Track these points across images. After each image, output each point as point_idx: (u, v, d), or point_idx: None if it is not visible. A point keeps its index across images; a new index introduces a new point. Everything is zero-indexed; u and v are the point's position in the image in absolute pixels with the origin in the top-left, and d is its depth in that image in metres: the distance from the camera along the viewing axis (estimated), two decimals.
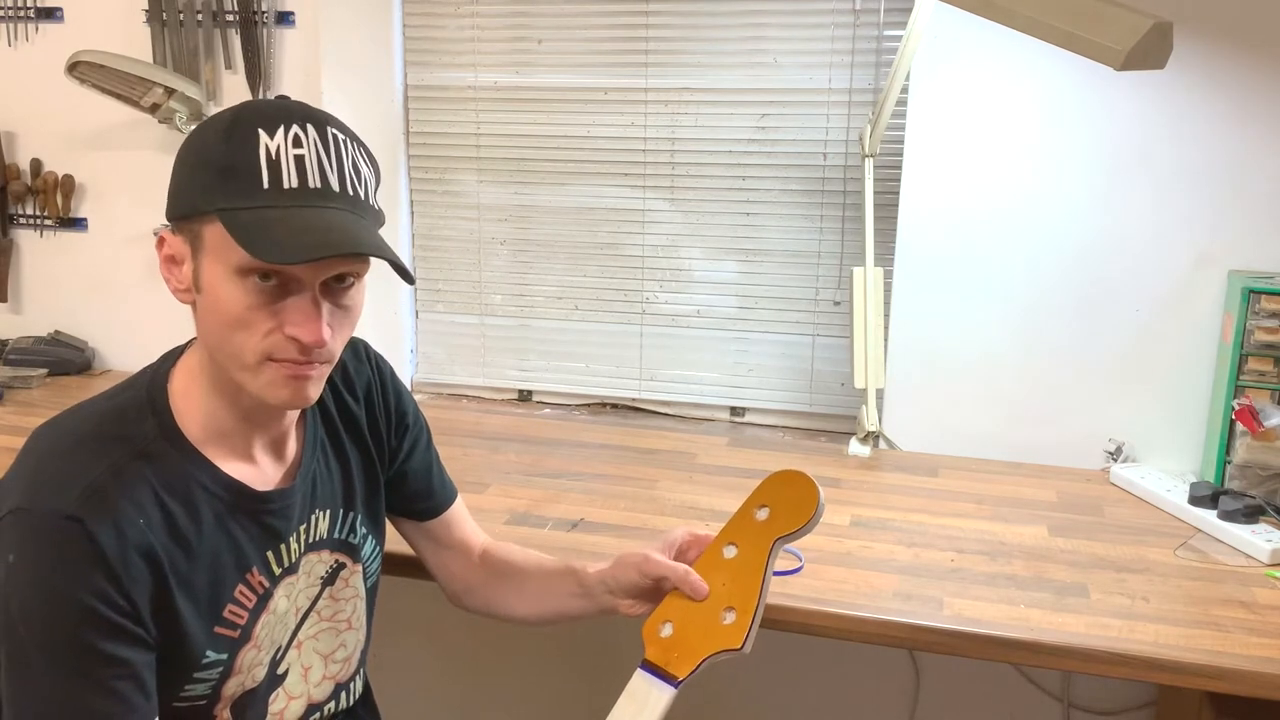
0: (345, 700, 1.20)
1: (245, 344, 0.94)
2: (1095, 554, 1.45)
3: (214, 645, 1.01)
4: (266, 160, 0.92)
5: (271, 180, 0.92)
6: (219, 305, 0.94)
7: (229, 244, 0.91)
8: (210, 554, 1.00)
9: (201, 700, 1.03)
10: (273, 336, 0.94)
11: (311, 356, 0.96)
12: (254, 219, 0.91)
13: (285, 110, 0.95)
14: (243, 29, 2.04)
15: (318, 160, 0.94)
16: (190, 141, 0.97)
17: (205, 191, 0.93)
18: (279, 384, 0.96)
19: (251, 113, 0.95)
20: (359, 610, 1.19)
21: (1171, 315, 1.74)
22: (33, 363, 2.17)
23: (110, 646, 0.91)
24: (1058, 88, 1.72)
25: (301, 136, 0.93)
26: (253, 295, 0.93)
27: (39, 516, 0.91)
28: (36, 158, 2.22)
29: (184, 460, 0.99)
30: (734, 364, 2.06)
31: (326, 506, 1.13)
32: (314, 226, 0.92)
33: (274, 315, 0.94)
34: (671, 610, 1.04)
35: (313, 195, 0.93)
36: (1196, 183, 1.69)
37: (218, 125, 0.95)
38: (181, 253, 0.97)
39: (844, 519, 1.56)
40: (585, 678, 2.08)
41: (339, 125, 0.97)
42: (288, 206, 0.92)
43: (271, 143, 0.92)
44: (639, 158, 2.02)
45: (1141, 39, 1.19)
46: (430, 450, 1.27)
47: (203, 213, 0.93)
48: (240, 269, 0.92)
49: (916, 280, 1.84)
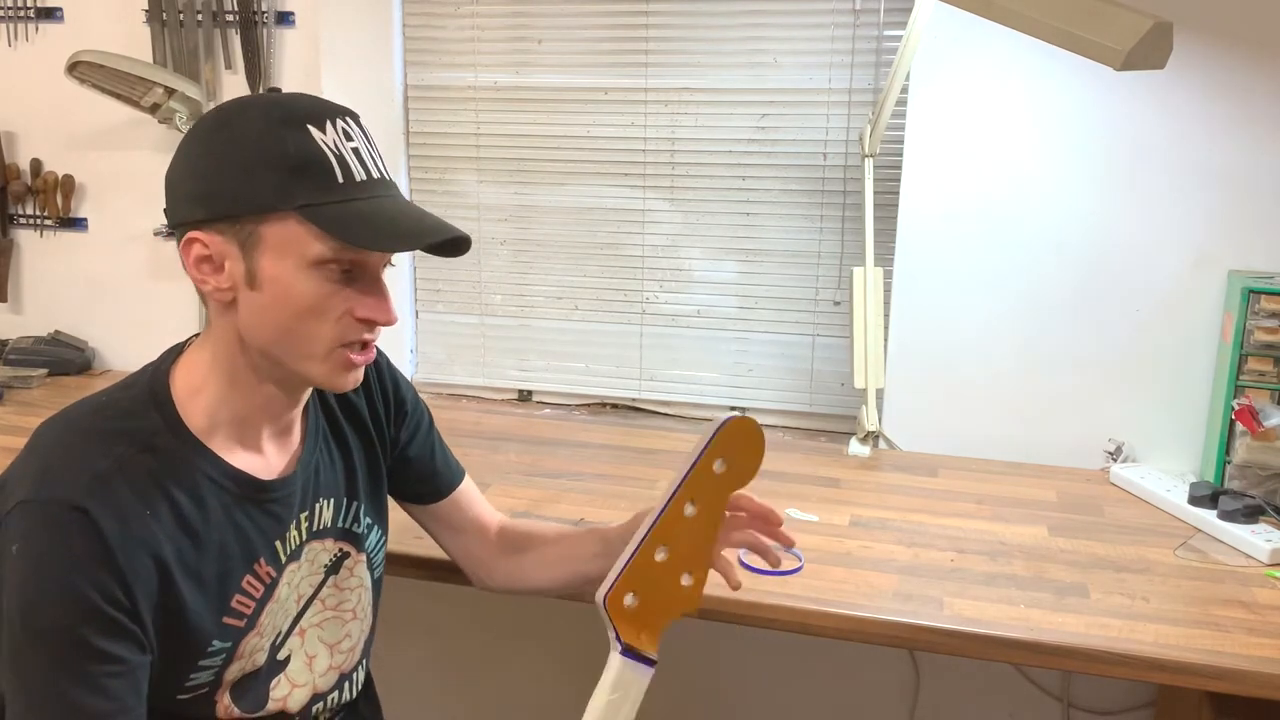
0: (349, 691, 1.20)
1: (318, 332, 0.98)
2: (1095, 554, 1.46)
3: (221, 635, 1.02)
4: (333, 155, 0.95)
5: (344, 174, 0.96)
6: (290, 298, 0.96)
7: (305, 237, 0.94)
8: (218, 544, 1.01)
9: (204, 688, 1.03)
10: (344, 321, 0.99)
11: (376, 333, 1.02)
12: (338, 212, 0.94)
13: (323, 105, 0.98)
14: (243, 29, 2.04)
15: (369, 152, 0.99)
16: (216, 141, 0.96)
17: (272, 187, 0.93)
18: (344, 369, 1.01)
19: (293, 107, 0.96)
20: (364, 601, 1.20)
21: (1171, 315, 1.74)
22: (33, 363, 2.18)
23: (105, 643, 0.92)
24: (1057, 88, 1.72)
25: (350, 130, 0.98)
26: (326, 285, 0.96)
27: (44, 506, 0.92)
28: (36, 158, 2.22)
29: (189, 452, 1.00)
30: (734, 364, 2.06)
31: (330, 495, 1.14)
32: (399, 214, 0.98)
33: (346, 301, 0.98)
34: (634, 578, 0.99)
35: (378, 185, 0.98)
36: (1196, 183, 1.70)
37: (258, 124, 0.95)
38: (224, 252, 0.96)
39: (844, 519, 1.56)
40: (584, 676, 2.08)
41: (357, 115, 1.01)
42: (368, 198, 0.97)
43: (326, 137, 0.95)
44: (639, 158, 2.02)
45: (1141, 39, 1.19)
46: (432, 434, 1.28)
47: (274, 209, 0.94)
48: (318, 260, 0.95)
49: (916, 280, 1.84)
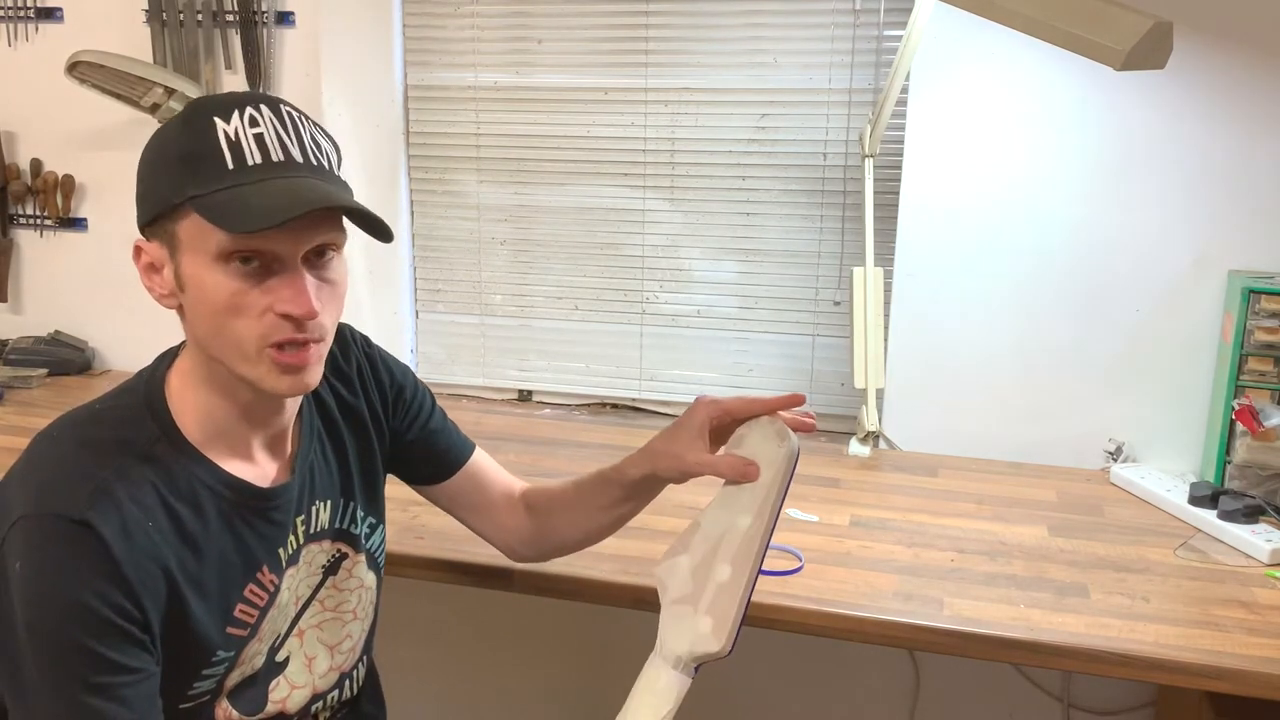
0: (349, 689, 1.20)
1: (241, 332, 0.94)
2: (1095, 554, 1.46)
3: (226, 644, 1.02)
4: (227, 143, 0.93)
5: (235, 160, 0.92)
6: (206, 297, 0.93)
7: (204, 231, 0.92)
8: (218, 554, 1.00)
9: (206, 696, 1.03)
10: (266, 318, 0.94)
11: (306, 332, 0.95)
12: (225, 198, 0.91)
13: (237, 96, 0.97)
14: (243, 29, 2.04)
15: (277, 136, 0.95)
16: (148, 146, 0.98)
17: (171, 184, 0.93)
18: (279, 373, 0.96)
19: (204, 103, 0.96)
20: (364, 600, 1.19)
21: (1171, 315, 1.74)
22: (33, 363, 2.18)
23: (116, 654, 0.91)
24: (1057, 88, 1.72)
25: (257, 116, 0.94)
26: (237, 279, 0.93)
27: (46, 522, 0.90)
28: (36, 158, 2.22)
29: (187, 461, 0.99)
30: (734, 364, 2.06)
31: (327, 497, 1.13)
32: (285, 192, 0.92)
33: (263, 295, 0.93)
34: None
35: (278, 168, 0.93)
36: (1196, 183, 1.69)
37: (173, 122, 0.97)
38: (159, 257, 0.97)
39: (844, 519, 1.56)
40: (584, 676, 2.08)
41: (292, 105, 0.98)
42: (256, 181, 0.92)
43: (229, 126, 0.93)
44: (639, 158, 2.02)
45: (1141, 39, 1.19)
46: (434, 414, 1.26)
47: (173, 206, 0.93)
48: (220, 254, 0.92)
49: (916, 280, 1.84)
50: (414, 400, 1.24)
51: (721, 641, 0.99)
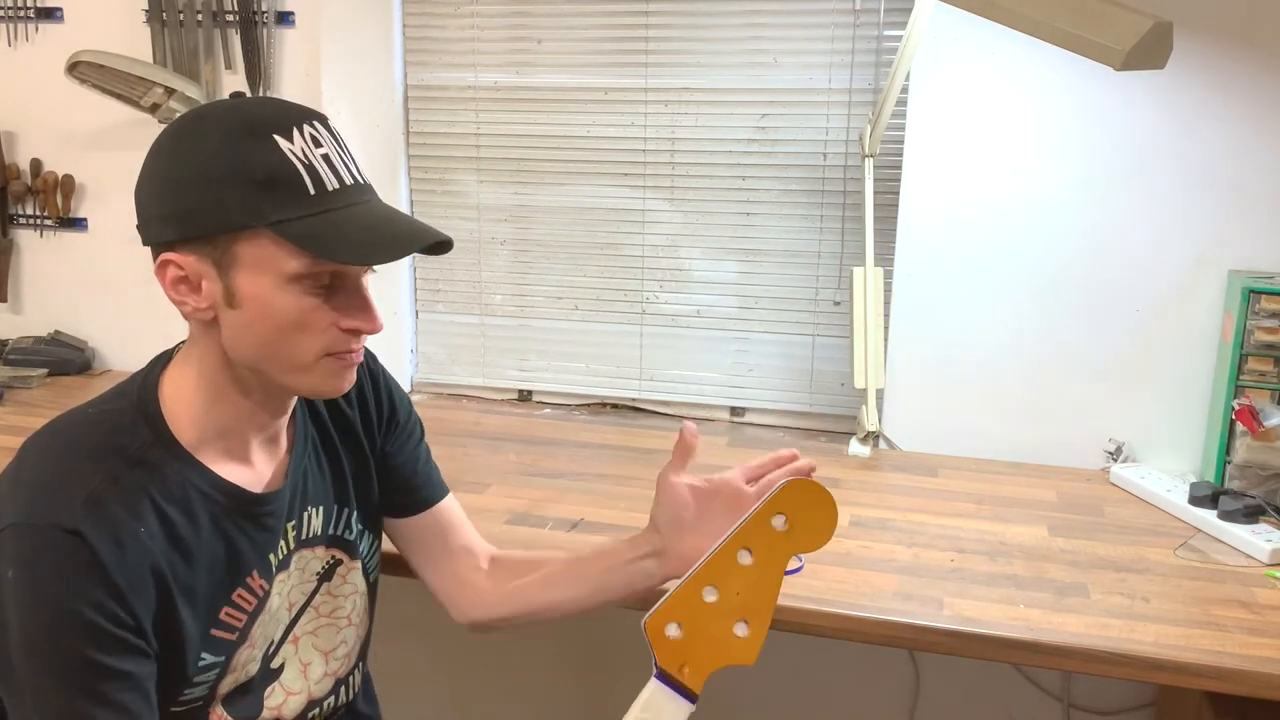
0: (345, 695, 1.20)
1: (303, 345, 0.96)
2: (1095, 554, 1.45)
3: (210, 648, 1.01)
4: (302, 165, 0.93)
5: (315, 186, 0.93)
6: (271, 315, 0.94)
7: (280, 253, 0.92)
8: (208, 558, 1.00)
9: (198, 701, 1.03)
10: (330, 332, 0.97)
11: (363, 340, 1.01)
12: (313, 225, 0.92)
13: (285, 110, 0.96)
14: (243, 29, 2.04)
15: (339, 157, 0.96)
16: (179, 159, 0.93)
17: (245, 207, 0.91)
18: (335, 374, 1.00)
19: (250, 119, 0.93)
20: (359, 607, 1.19)
21: (1171, 315, 1.74)
22: (33, 363, 2.17)
23: (114, 660, 0.91)
24: (1057, 88, 1.72)
25: (318, 136, 0.95)
26: (306, 299, 0.95)
27: (38, 531, 0.90)
28: (36, 158, 2.22)
29: (179, 465, 0.98)
30: (734, 364, 2.06)
31: (319, 503, 1.13)
32: (373, 223, 0.95)
33: (330, 314, 0.96)
34: (679, 609, 0.96)
35: (352, 192, 0.96)
36: (1196, 183, 1.69)
37: (218, 138, 0.92)
38: (200, 271, 0.94)
39: (844, 519, 1.56)
40: (582, 678, 2.08)
41: (325, 117, 0.99)
42: (341, 208, 0.94)
43: (294, 147, 0.93)
44: (639, 158, 2.02)
45: (1141, 39, 1.19)
46: (420, 448, 1.25)
47: (245, 227, 0.91)
48: (295, 276, 0.93)
49: (916, 280, 1.84)
50: (405, 426, 1.23)
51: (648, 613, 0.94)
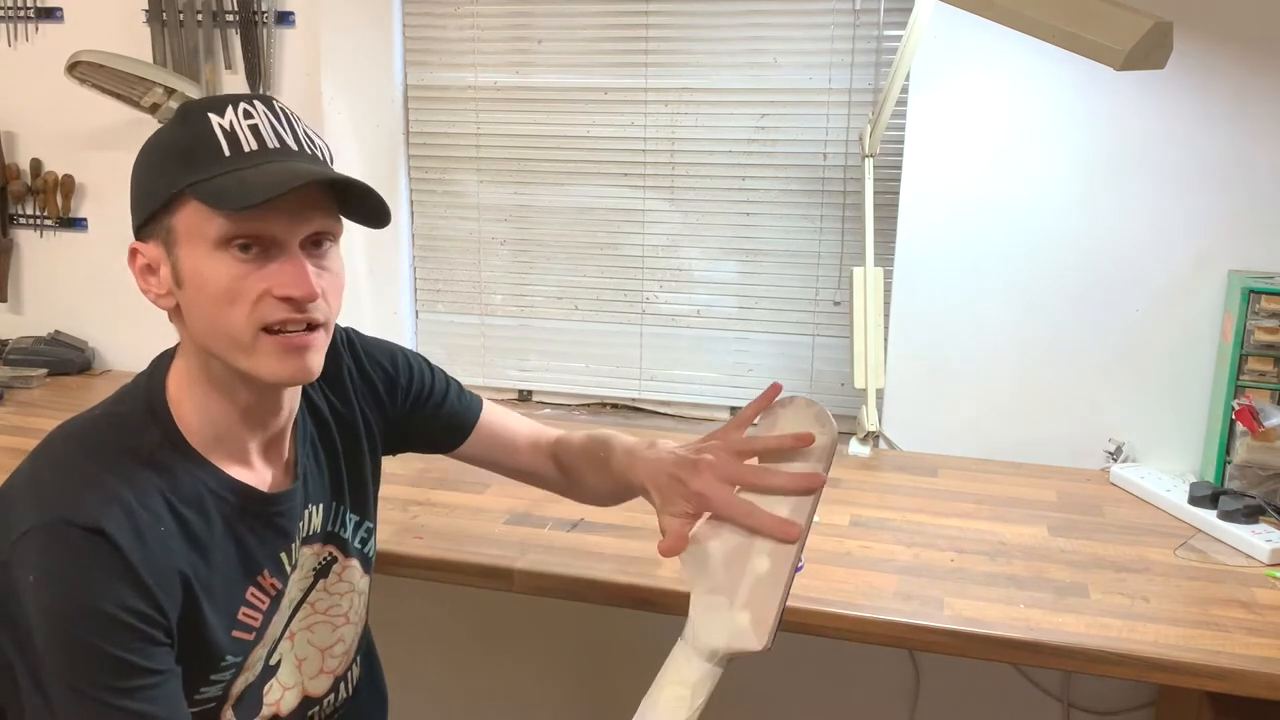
0: (345, 691, 1.20)
1: (237, 319, 0.93)
2: (1095, 554, 1.45)
3: (233, 649, 1.02)
4: (223, 133, 0.94)
5: (232, 148, 0.94)
6: (205, 286, 0.93)
7: (203, 218, 0.92)
8: (222, 558, 1.00)
9: (212, 702, 1.03)
10: (263, 302, 0.93)
11: (306, 313, 0.95)
12: (223, 182, 0.92)
13: (231, 95, 0.98)
14: (243, 29, 2.04)
15: (271, 126, 0.96)
16: (142, 151, 0.99)
17: (167, 178, 0.94)
18: (279, 357, 0.95)
19: (197, 102, 0.98)
20: (356, 604, 1.19)
21: (1171, 315, 1.74)
22: (33, 363, 2.17)
23: (143, 659, 0.91)
24: (1057, 88, 1.72)
25: (251, 111, 0.96)
26: (236, 266, 0.93)
27: (60, 532, 0.89)
28: (36, 158, 2.22)
29: (190, 466, 0.98)
30: (734, 364, 2.06)
31: (319, 501, 1.13)
32: (283, 171, 0.93)
33: (261, 280, 0.93)
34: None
35: (274, 154, 0.95)
36: (1196, 183, 1.69)
37: (166, 125, 0.99)
38: (155, 257, 0.97)
39: (844, 519, 1.56)
40: (583, 676, 2.08)
41: (285, 104, 1.00)
42: (254, 165, 0.93)
43: (223, 120, 0.95)
44: (639, 158, 2.02)
45: (1141, 39, 1.19)
46: (435, 390, 1.26)
47: (170, 198, 0.94)
48: (220, 239, 0.92)
49: (916, 280, 1.84)
50: (411, 383, 1.24)
51: (763, 639, 0.94)
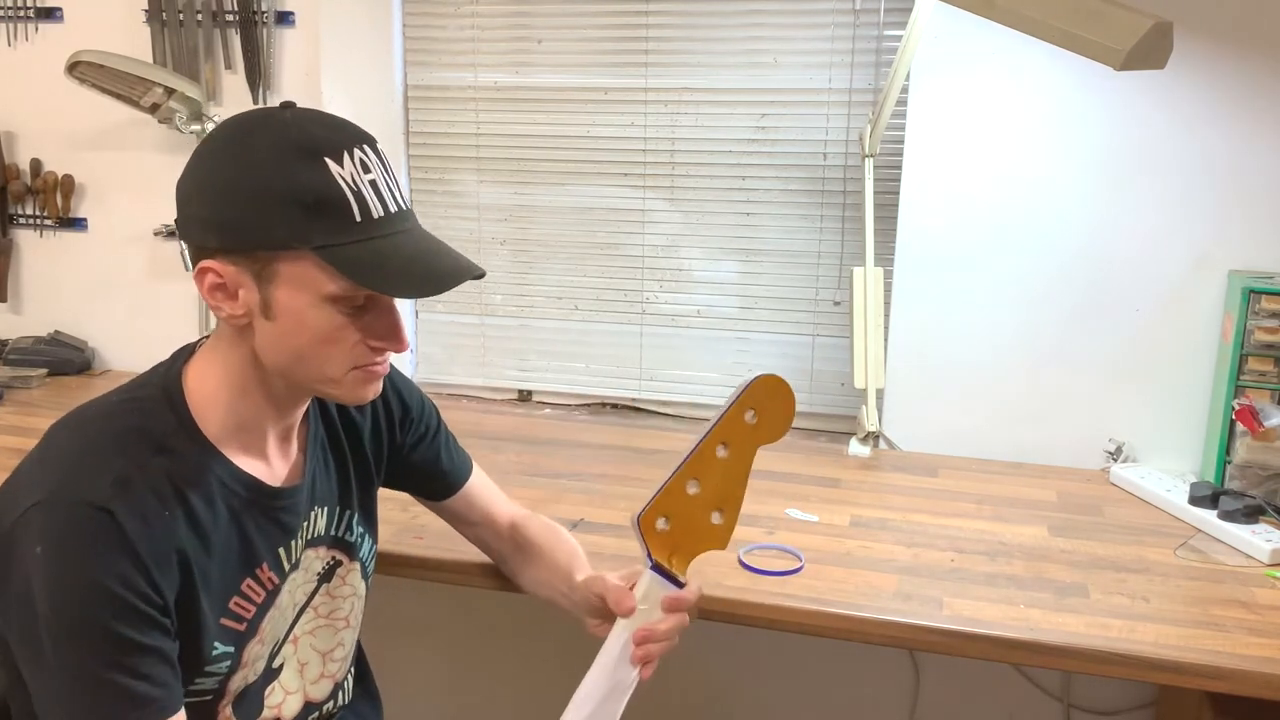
0: (342, 697, 1.22)
1: (332, 360, 0.99)
2: (1095, 554, 1.45)
3: (221, 638, 1.03)
4: (350, 191, 0.94)
5: (362, 212, 0.95)
6: (304, 329, 0.97)
7: (324, 276, 0.94)
8: (223, 547, 1.02)
9: (208, 695, 1.04)
10: (359, 348, 1.00)
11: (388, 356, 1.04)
12: (357, 253, 0.94)
13: (338, 131, 0.97)
14: (243, 29, 2.04)
15: (385, 183, 0.98)
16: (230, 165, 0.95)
17: (289, 226, 0.92)
18: (361, 385, 1.02)
19: (304, 139, 0.94)
20: (357, 609, 1.21)
21: (1171, 315, 1.74)
22: (33, 363, 2.17)
23: (141, 635, 0.93)
24: (1058, 88, 1.72)
25: (366, 162, 0.96)
26: (342, 317, 0.97)
27: (67, 508, 0.92)
28: (36, 158, 2.22)
29: (202, 454, 1.00)
30: (734, 364, 2.06)
31: (325, 504, 1.15)
32: (416, 255, 0.98)
33: (360, 330, 0.99)
34: (667, 503, 1.08)
35: (396, 220, 0.98)
36: (1196, 183, 1.69)
37: (269, 152, 0.94)
38: (239, 281, 0.96)
39: (844, 519, 1.56)
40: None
41: (374, 140, 1.00)
42: (385, 236, 0.96)
43: (344, 171, 0.94)
44: (639, 158, 2.02)
45: (1141, 39, 1.19)
46: (439, 437, 1.29)
47: (289, 248, 0.93)
48: (333, 297, 0.95)
49: (916, 280, 1.84)
50: (420, 421, 1.27)
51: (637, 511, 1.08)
